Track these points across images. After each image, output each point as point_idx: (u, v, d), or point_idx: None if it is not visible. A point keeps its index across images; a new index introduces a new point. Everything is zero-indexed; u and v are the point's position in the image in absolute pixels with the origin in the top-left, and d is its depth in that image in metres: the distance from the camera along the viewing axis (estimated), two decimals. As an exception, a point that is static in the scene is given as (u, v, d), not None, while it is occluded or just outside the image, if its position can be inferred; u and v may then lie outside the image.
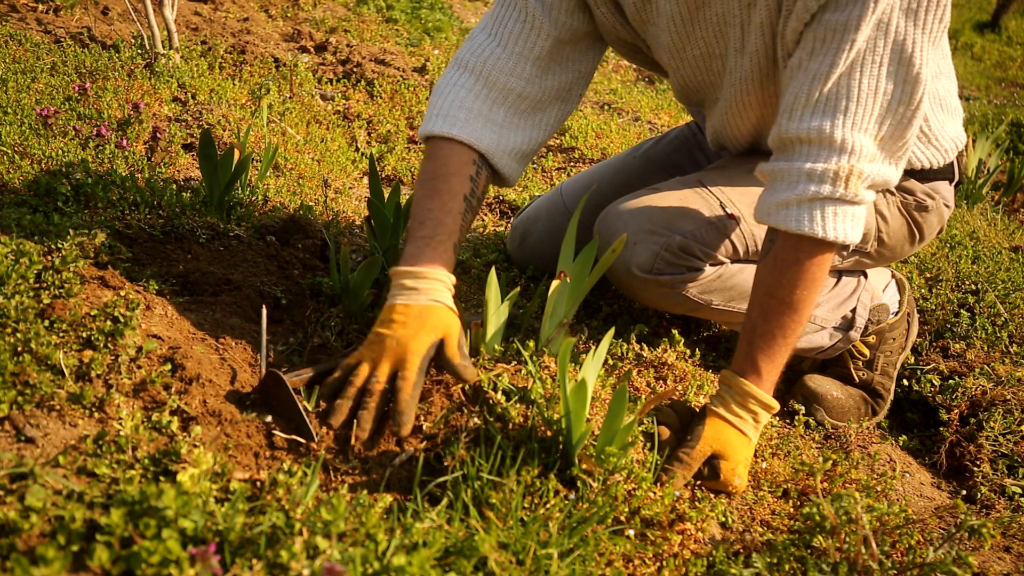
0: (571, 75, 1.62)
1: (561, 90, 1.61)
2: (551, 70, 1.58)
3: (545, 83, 1.58)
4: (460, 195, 1.47)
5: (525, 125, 1.59)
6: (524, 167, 1.64)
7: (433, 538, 0.95)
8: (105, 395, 1.15)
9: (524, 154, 1.60)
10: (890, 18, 1.26)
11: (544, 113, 1.61)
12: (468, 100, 1.53)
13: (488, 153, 1.52)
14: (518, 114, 1.58)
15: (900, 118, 1.31)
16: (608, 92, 4.28)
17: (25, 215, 1.50)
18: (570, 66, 1.61)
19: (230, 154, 1.85)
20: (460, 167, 1.49)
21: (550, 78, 1.58)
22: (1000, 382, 1.86)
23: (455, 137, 1.50)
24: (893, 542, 1.20)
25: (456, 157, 1.50)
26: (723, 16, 1.46)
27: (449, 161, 1.50)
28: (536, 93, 1.57)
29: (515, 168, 1.59)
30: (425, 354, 1.27)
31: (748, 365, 1.37)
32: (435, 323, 1.30)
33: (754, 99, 1.55)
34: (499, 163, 1.55)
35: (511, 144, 1.56)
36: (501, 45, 1.55)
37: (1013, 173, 3.61)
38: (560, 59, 1.59)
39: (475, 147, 1.51)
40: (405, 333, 1.28)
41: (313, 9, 4.75)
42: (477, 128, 1.52)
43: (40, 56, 2.70)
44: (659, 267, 1.56)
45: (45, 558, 0.80)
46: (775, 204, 1.35)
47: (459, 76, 1.56)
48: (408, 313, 1.30)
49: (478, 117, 1.53)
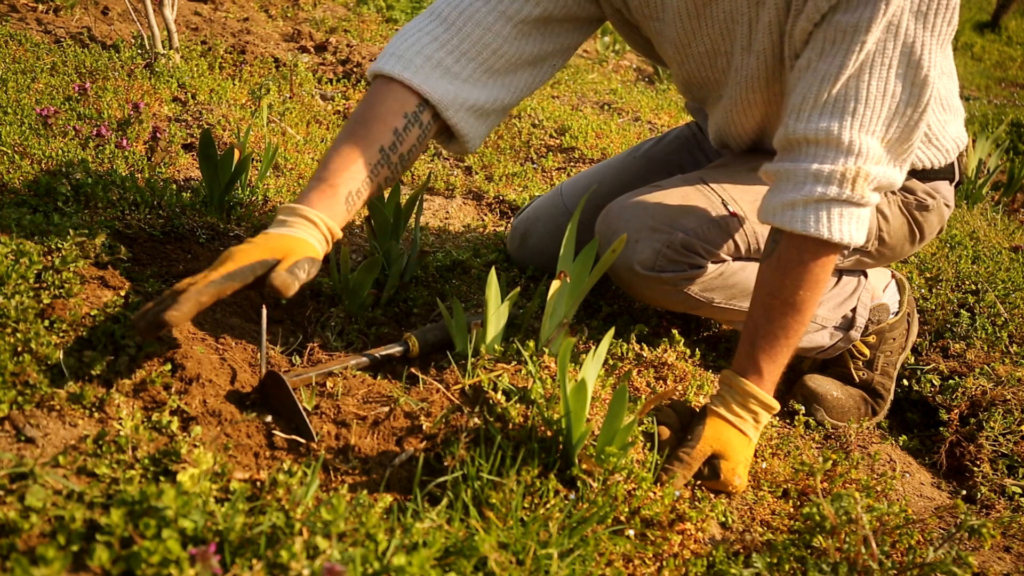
0: (551, 46, 1.56)
1: (538, 58, 1.55)
2: (532, 36, 1.52)
3: (523, 47, 1.51)
4: (376, 144, 1.39)
5: (493, 84, 1.51)
6: (487, 130, 1.55)
7: (433, 538, 0.95)
8: (105, 395, 1.15)
9: (485, 112, 1.52)
10: (900, 20, 1.26)
11: (515, 75, 1.54)
12: (431, 48, 1.45)
13: (441, 104, 1.44)
14: (488, 72, 1.49)
15: (907, 121, 1.31)
16: (608, 92, 4.28)
17: (25, 215, 1.50)
18: (553, 39, 1.56)
19: (230, 154, 1.85)
20: (388, 115, 1.41)
21: (529, 44, 1.52)
22: (1000, 382, 1.86)
23: (402, 80, 1.41)
24: (893, 542, 1.20)
25: (390, 103, 1.42)
26: (731, 14, 1.46)
27: (380, 106, 1.41)
28: (512, 53, 1.50)
29: (473, 126, 1.51)
30: (247, 264, 1.20)
31: (749, 365, 1.37)
32: (279, 245, 1.25)
33: (759, 97, 1.55)
34: (454, 117, 1.46)
35: (472, 99, 1.48)
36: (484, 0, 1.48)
37: (1013, 173, 3.61)
38: (544, 31, 1.53)
39: (425, 96, 1.42)
40: (243, 248, 1.23)
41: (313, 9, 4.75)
42: (432, 77, 1.43)
43: (40, 56, 2.70)
44: (661, 264, 1.56)
45: (45, 558, 0.80)
46: (780, 204, 1.34)
47: (429, 23, 1.48)
48: (260, 238, 1.27)
49: (437, 67, 1.44)
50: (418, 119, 1.44)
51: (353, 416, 1.27)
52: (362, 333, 1.60)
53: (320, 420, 1.26)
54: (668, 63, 1.68)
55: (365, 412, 1.28)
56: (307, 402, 1.28)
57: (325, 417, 1.27)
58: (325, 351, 1.51)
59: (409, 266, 1.81)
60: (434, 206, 2.55)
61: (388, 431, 1.25)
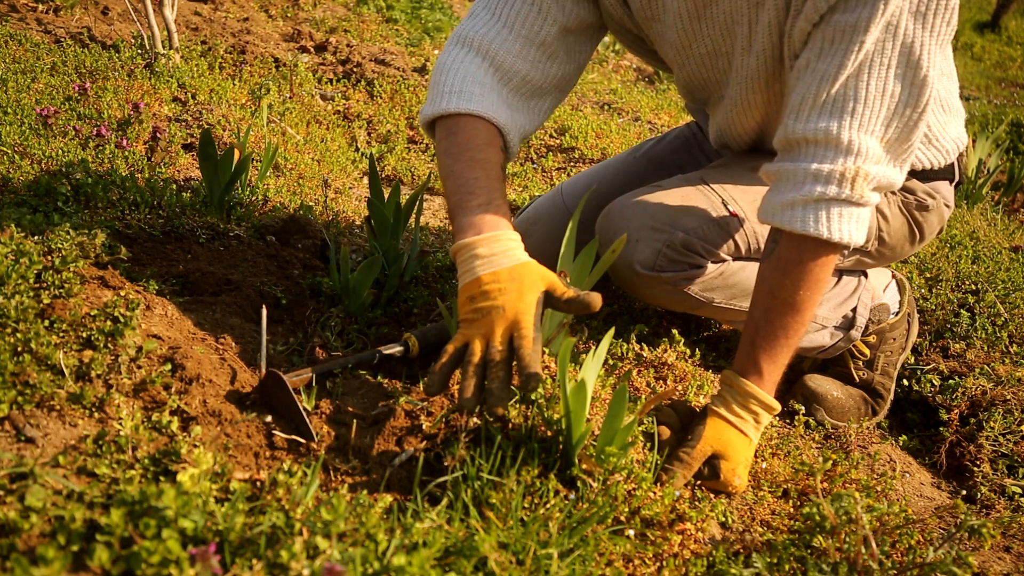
0: (571, 66, 1.59)
1: (561, 80, 1.58)
2: (556, 57, 1.55)
3: (548, 70, 1.55)
4: (498, 165, 1.39)
5: (526, 108, 1.55)
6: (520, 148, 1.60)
7: (433, 538, 0.95)
8: (105, 395, 1.15)
9: (524, 136, 1.56)
10: (899, 20, 1.26)
11: (542, 100, 1.58)
12: (479, 75, 1.47)
13: (504, 129, 1.46)
14: (520, 96, 1.53)
15: (907, 121, 1.31)
16: (608, 92, 4.27)
17: (25, 215, 1.50)
18: (572, 56, 1.58)
19: (230, 154, 1.85)
20: (491, 139, 1.42)
21: (554, 66, 1.55)
22: (1000, 382, 1.86)
23: (475, 113, 1.42)
24: (893, 542, 1.20)
25: (483, 131, 1.42)
26: (730, 15, 1.46)
27: (477, 135, 1.41)
28: (539, 79, 1.54)
29: (516, 144, 1.53)
30: (537, 311, 1.21)
31: (750, 365, 1.37)
32: (533, 278, 1.23)
33: (759, 98, 1.55)
34: (512, 141, 1.48)
35: (518, 124, 1.51)
36: (507, 27, 1.51)
37: (1013, 173, 3.61)
38: (564, 47, 1.56)
39: (494, 122, 1.44)
40: (508, 298, 1.20)
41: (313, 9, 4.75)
42: (493, 103, 1.45)
43: (40, 56, 2.70)
44: (661, 264, 1.56)
45: (45, 558, 0.80)
46: (780, 204, 1.34)
47: (463, 53, 1.50)
48: (499, 278, 1.22)
49: (491, 92, 1.46)
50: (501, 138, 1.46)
51: (353, 416, 1.27)
52: (362, 333, 1.60)
53: (320, 420, 1.26)
54: (670, 65, 1.68)
55: (365, 412, 1.28)
56: (307, 402, 1.28)
57: (325, 417, 1.27)
58: (325, 351, 1.51)
59: (409, 266, 1.81)
60: (434, 206, 2.55)
61: (388, 431, 1.25)
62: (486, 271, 1.23)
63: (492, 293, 1.21)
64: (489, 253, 1.25)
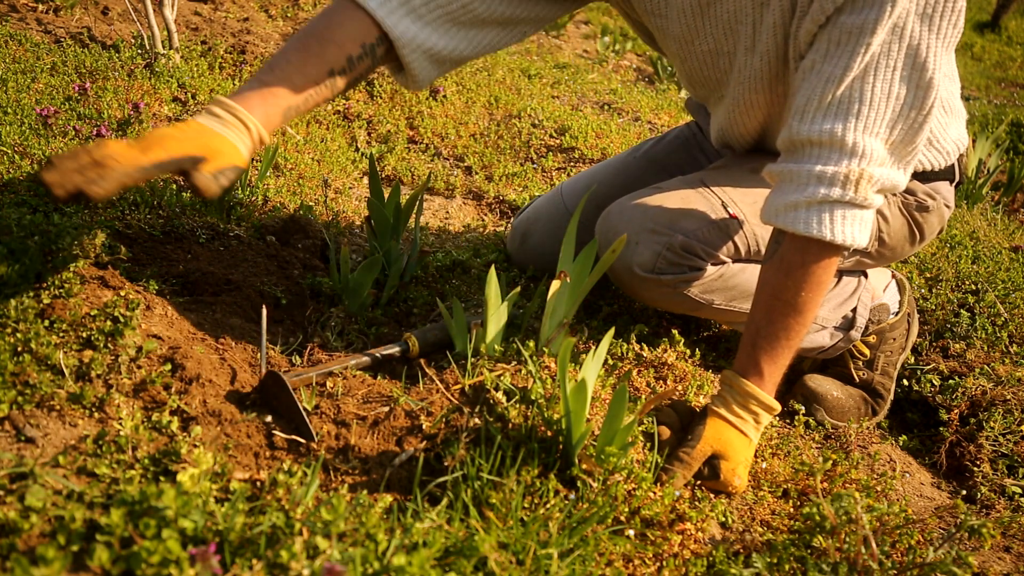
0: (525, 13, 1.54)
1: (508, 20, 1.52)
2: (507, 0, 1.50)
3: (495, 6, 1.49)
4: (327, 66, 1.36)
5: (456, 34, 1.49)
6: (439, 74, 1.53)
7: (433, 538, 0.95)
8: (105, 395, 1.15)
9: (441, 59, 1.50)
10: (906, 23, 1.26)
11: (480, 31, 1.51)
12: None
13: (400, 42, 1.42)
14: (454, 22, 1.47)
15: (911, 123, 1.31)
16: (608, 92, 4.28)
17: (25, 215, 1.50)
18: (529, 6, 1.53)
19: (230, 154, 1.85)
20: (346, 40, 1.38)
21: (503, 6, 1.50)
22: (1000, 382, 1.86)
23: (368, 9, 1.39)
24: (893, 542, 1.20)
25: (351, 29, 1.39)
26: (735, 14, 1.46)
27: (340, 29, 1.39)
28: (482, 11, 1.47)
29: (425, 68, 1.49)
30: (176, 156, 1.18)
31: (750, 366, 1.37)
32: (208, 142, 1.23)
33: (762, 98, 1.55)
34: (408, 56, 1.44)
35: (431, 43, 1.46)
36: None
37: (1013, 173, 3.61)
38: None
39: (386, 30, 1.40)
40: (172, 134, 1.21)
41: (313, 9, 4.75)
42: (398, 14, 1.41)
43: (40, 56, 2.70)
44: (661, 266, 1.56)
45: (45, 558, 0.80)
46: (783, 205, 1.34)
47: None
48: (191, 126, 1.25)
49: (404, 5, 1.41)
50: (374, 51, 1.42)
51: (353, 416, 1.27)
52: (362, 333, 1.60)
53: (320, 420, 1.26)
54: (671, 59, 1.68)
55: (365, 412, 1.28)
56: (307, 402, 1.28)
57: (325, 417, 1.27)
58: (325, 351, 1.51)
59: (409, 266, 1.81)
60: (434, 206, 2.55)
61: (388, 431, 1.25)
62: (199, 118, 1.27)
63: (176, 128, 1.23)
64: (217, 113, 1.28)
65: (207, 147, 1.22)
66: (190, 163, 1.20)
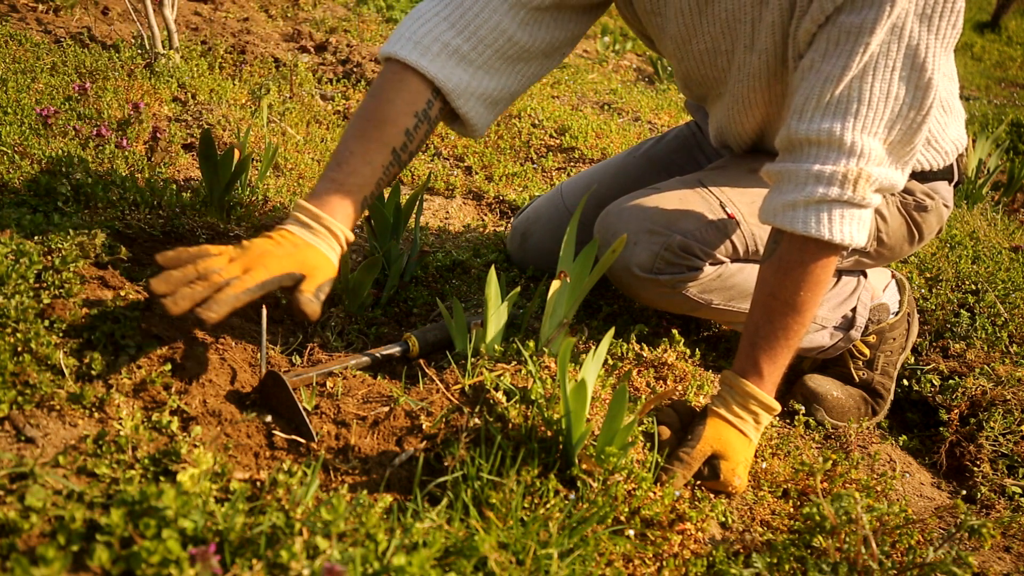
0: (562, 33, 1.55)
1: (550, 45, 1.54)
2: (545, 23, 1.51)
3: (537, 33, 1.50)
4: (389, 147, 1.40)
5: (505, 71, 1.50)
6: (494, 117, 1.55)
7: (433, 538, 0.95)
8: (105, 395, 1.15)
9: (495, 101, 1.52)
10: (905, 23, 1.26)
11: (527, 64, 1.53)
12: (448, 35, 1.43)
13: (453, 93, 1.44)
14: (502, 58, 1.48)
15: (910, 123, 1.31)
16: (608, 92, 4.28)
17: (25, 215, 1.50)
18: (565, 25, 1.54)
19: (230, 154, 1.85)
20: (400, 115, 1.40)
21: (543, 30, 1.51)
22: (1000, 382, 1.86)
23: (418, 68, 1.40)
24: (893, 542, 1.20)
25: (403, 99, 1.41)
26: (733, 12, 1.46)
27: (392, 105, 1.41)
28: (526, 41, 1.49)
29: (482, 114, 1.50)
30: (278, 275, 1.23)
31: (750, 366, 1.37)
32: (306, 258, 1.27)
33: (760, 97, 1.55)
34: (464, 106, 1.46)
35: (483, 87, 1.47)
36: None
37: (1013, 173, 3.61)
38: (556, 16, 1.52)
39: (439, 85, 1.42)
40: (272, 250, 1.25)
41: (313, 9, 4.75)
42: (447, 65, 1.42)
43: (40, 56, 2.70)
44: (659, 267, 1.56)
45: (45, 558, 0.80)
46: (781, 205, 1.34)
47: (442, 7, 1.45)
48: (287, 239, 1.29)
49: (453, 54, 1.43)
50: (428, 116, 1.44)
51: (353, 416, 1.27)
52: (362, 333, 1.60)
53: (320, 420, 1.26)
54: (669, 59, 1.68)
55: (365, 412, 1.28)
56: (307, 402, 1.28)
57: (325, 417, 1.27)
58: (325, 351, 1.51)
59: (409, 266, 1.81)
60: (434, 206, 2.55)
61: (388, 431, 1.25)
62: (289, 228, 1.31)
63: (271, 241, 1.28)
64: (307, 223, 1.32)
65: (304, 263, 1.27)
66: (290, 281, 1.25)
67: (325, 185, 1.36)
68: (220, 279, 1.18)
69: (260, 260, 1.23)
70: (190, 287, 1.16)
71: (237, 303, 1.17)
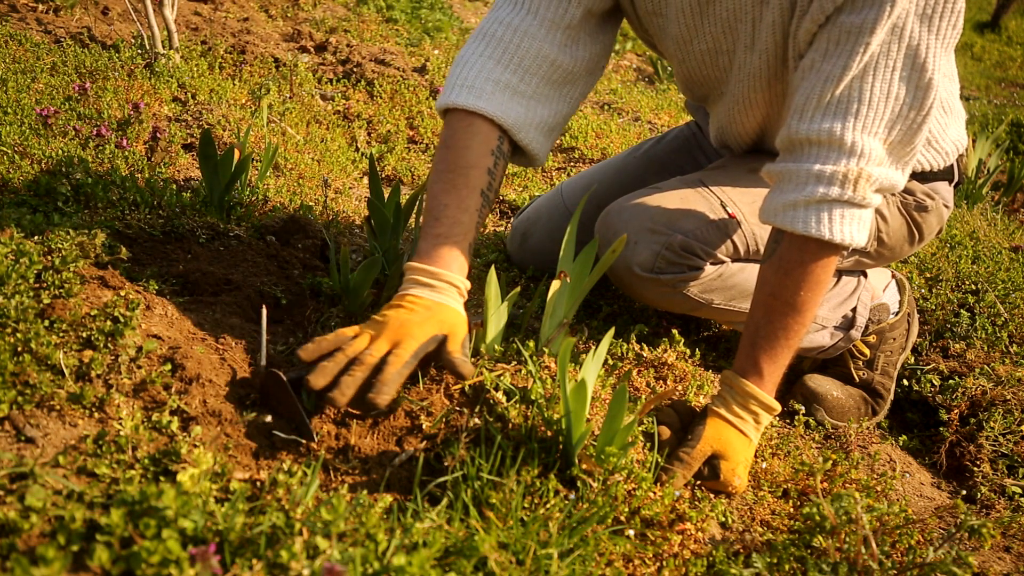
0: (598, 47, 1.57)
1: (590, 62, 1.56)
2: (581, 40, 1.53)
3: (577, 53, 1.52)
4: (478, 190, 1.42)
5: (555, 96, 1.53)
6: (551, 144, 1.57)
7: (433, 538, 0.95)
8: (105, 395, 1.15)
9: (551, 128, 1.55)
10: (905, 23, 1.26)
11: (573, 85, 1.56)
12: (496, 72, 1.46)
13: (514, 128, 1.46)
14: (550, 84, 1.51)
15: (910, 124, 1.31)
16: (608, 92, 4.27)
17: (25, 215, 1.50)
18: (597, 37, 1.56)
19: (230, 154, 1.85)
20: (479, 158, 1.43)
21: (581, 48, 1.53)
22: (1000, 382, 1.86)
23: (479, 111, 1.43)
24: (893, 542, 1.20)
25: (477, 142, 1.44)
26: (734, 12, 1.46)
27: (469, 150, 1.43)
28: (568, 63, 1.51)
29: (541, 143, 1.53)
30: (425, 342, 1.25)
31: (750, 366, 1.37)
32: (443, 318, 1.29)
33: (761, 97, 1.55)
34: (525, 138, 1.49)
35: (539, 117, 1.50)
36: (531, 13, 1.48)
37: (1013, 173, 3.61)
38: (588, 30, 1.54)
39: (500, 123, 1.45)
40: (410, 318, 1.27)
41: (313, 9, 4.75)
42: (503, 101, 1.45)
43: (40, 56, 2.70)
44: (660, 266, 1.56)
45: (45, 558, 0.80)
46: (782, 205, 1.34)
47: (484, 47, 1.48)
48: (418, 303, 1.30)
49: (505, 89, 1.46)
50: (502, 152, 1.47)
51: (353, 416, 1.27)
52: (362, 333, 1.60)
53: (320, 420, 1.26)
54: (669, 59, 1.68)
55: (365, 412, 1.28)
56: (307, 402, 1.28)
57: (325, 417, 1.26)
58: (325, 351, 1.50)
59: (409, 266, 1.81)
60: (434, 206, 2.55)
61: (388, 431, 1.25)
62: (415, 292, 1.32)
63: (404, 309, 1.29)
64: (428, 283, 1.34)
65: (443, 323, 1.29)
66: (435, 344, 1.27)
67: (431, 243, 1.37)
68: (374, 359, 1.21)
69: (403, 331, 1.25)
70: (350, 375, 1.18)
71: (400, 379, 1.20)
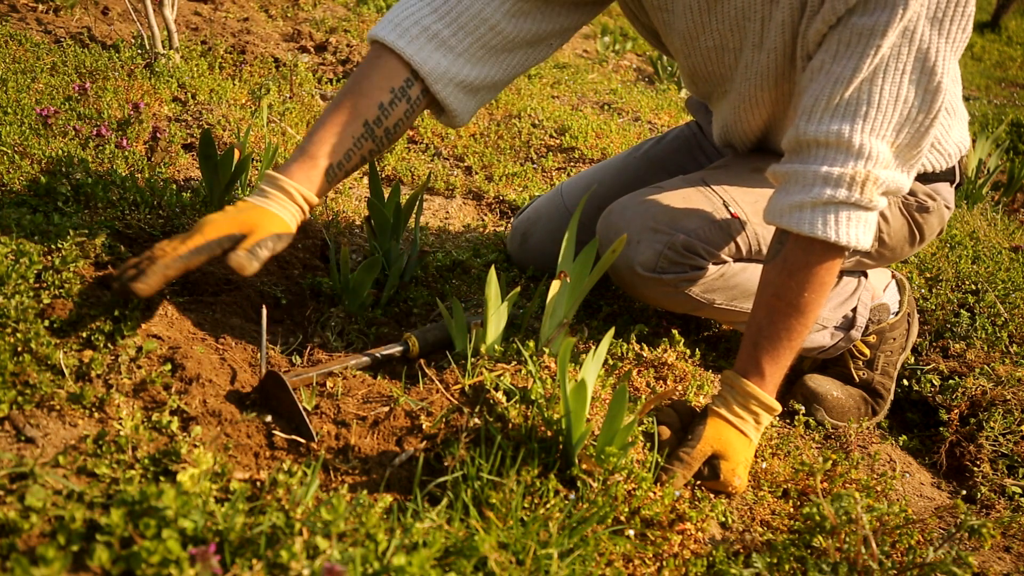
0: (551, 27, 1.54)
1: (536, 37, 1.53)
2: (531, 15, 1.50)
3: (523, 24, 1.50)
4: (361, 119, 1.42)
5: (488, 60, 1.50)
6: (476, 105, 1.55)
7: (433, 538, 0.95)
8: (105, 395, 1.15)
9: (475, 89, 1.52)
10: (916, 26, 1.26)
11: (511, 54, 1.53)
12: (428, 20, 1.44)
13: (430, 77, 1.44)
14: (484, 48, 1.48)
15: (918, 127, 1.31)
16: (608, 92, 4.28)
17: (25, 215, 1.50)
18: (553, 19, 1.54)
19: (230, 154, 1.85)
20: (374, 89, 1.43)
21: (529, 22, 1.51)
22: (1000, 382, 1.86)
23: (395, 49, 1.43)
24: (893, 542, 1.20)
25: (378, 76, 1.44)
26: (743, 10, 1.46)
27: (367, 80, 1.44)
28: (511, 31, 1.49)
29: (462, 101, 1.50)
30: (215, 239, 1.27)
31: (751, 366, 1.37)
32: (246, 219, 1.31)
33: (767, 96, 1.54)
34: (442, 91, 1.47)
35: (463, 74, 1.48)
36: None
37: (1013, 173, 3.61)
38: (545, 10, 1.52)
39: (414, 66, 1.43)
40: (214, 219, 1.30)
41: (313, 9, 4.75)
42: (424, 47, 1.44)
43: (40, 56, 2.70)
44: (662, 266, 1.56)
45: (45, 558, 0.80)
46: (788, 206, 1.34)
47: None
48: (235, 207, 1.34)
49: (433, 39, 1.44)
50: (405, 93, 1.46)
51: (353, 416, 1.27)
52: (362, 333, 1.60)
53: (320, 420, 1.26)
54: (675, 55, 1.68)
55: (365, 412, 1.28)
56: (307, 402, 1.28)
57: (325, 417, 1.27)
58: (325, 351, 1.51)
59: (409, 266, 1.81)
60: (434, 206, 2.55)
61: (388, 431, 1.25)
62: (246, 198, 1.37)
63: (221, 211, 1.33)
64: (262, 188, 1.38)
65: (245, 224, 1.30)
66: (228, 243, 1.28)
67: (293, 155, 1.41)
68: (163, 254, 1.23)
69: (200, 228, 1.28)
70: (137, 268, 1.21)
71: (169, 271, 1.22)
